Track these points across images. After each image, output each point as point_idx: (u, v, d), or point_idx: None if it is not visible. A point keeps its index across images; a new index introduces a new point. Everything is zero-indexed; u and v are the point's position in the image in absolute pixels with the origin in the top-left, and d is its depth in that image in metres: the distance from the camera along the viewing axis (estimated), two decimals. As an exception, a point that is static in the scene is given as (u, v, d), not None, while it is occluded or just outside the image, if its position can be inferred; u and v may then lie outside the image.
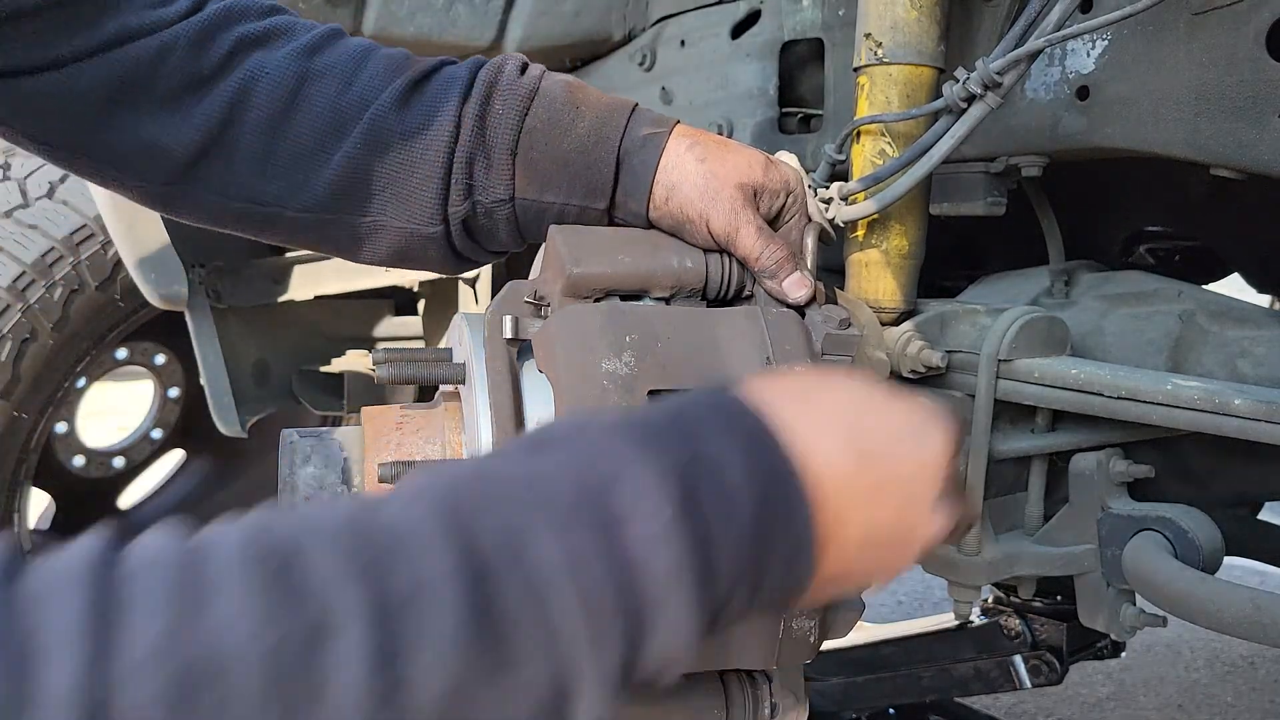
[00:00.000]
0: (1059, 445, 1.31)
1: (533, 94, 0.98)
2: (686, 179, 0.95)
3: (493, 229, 1.02)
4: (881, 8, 1.21)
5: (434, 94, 0.98)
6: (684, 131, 0.99)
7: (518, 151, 0.97)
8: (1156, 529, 1.21)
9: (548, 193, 0.99)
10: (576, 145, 0.97)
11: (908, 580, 3.76)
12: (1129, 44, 1.16)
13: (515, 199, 0.99)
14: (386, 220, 1.00)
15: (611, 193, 0.98)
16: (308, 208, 0.99)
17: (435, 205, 0.98)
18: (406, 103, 0.97)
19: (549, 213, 1.00)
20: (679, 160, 0.96)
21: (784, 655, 0.85)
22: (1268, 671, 3.11)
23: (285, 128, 0.96)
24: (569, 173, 0.98)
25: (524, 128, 0.97)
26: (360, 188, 0.98)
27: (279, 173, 0.97)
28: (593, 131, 0.97)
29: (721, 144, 0.98)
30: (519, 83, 0.98)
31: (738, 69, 1.68)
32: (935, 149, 1.13)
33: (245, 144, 0.96)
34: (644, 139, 0.97)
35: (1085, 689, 2.97)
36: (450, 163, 0.97)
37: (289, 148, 0.96)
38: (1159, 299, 1.37)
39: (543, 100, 0.98)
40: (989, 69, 1.08)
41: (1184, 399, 1.08)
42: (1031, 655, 1.98)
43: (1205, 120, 1.10)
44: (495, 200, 0.99)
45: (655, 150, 0.96)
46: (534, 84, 0.98)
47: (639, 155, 0.97)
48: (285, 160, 0.97)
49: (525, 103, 0.97)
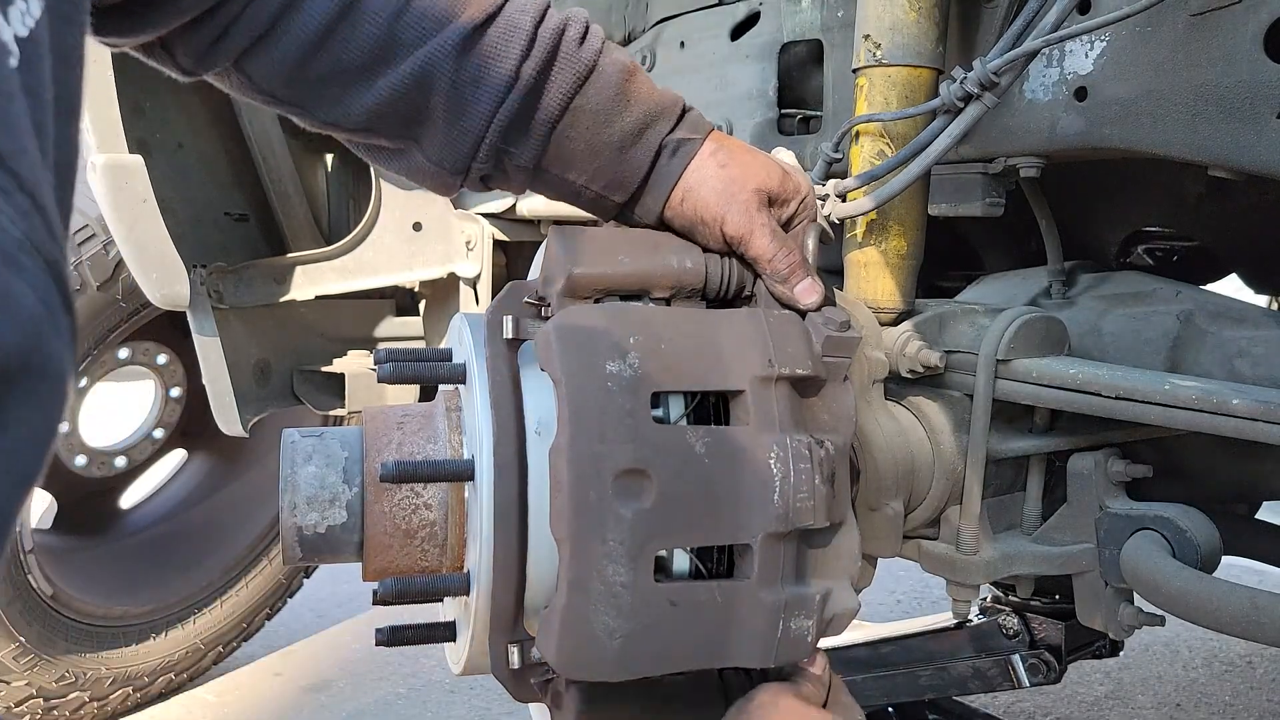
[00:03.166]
0: (1057, 445, 1.31)
1: (589, 71, 0.96)
2: (705, 182, 0.97)
3: (505, 181, 1.02)
4: (880, 9, 1.21)
5: (493, 46, 0.94)
6: (714, 137, 1.00)
7: (557, 128, 0.97)
8: (1154, 528, 1.22)
9: (572, 172, 0.99)
10: (615, 139, 0.97)
11: (906, 579, 3.76)
12: (1127, 45, 1.17)
13: (539, 168, 0.99)
14: (413, 152, 0.99)
15: (632, 190, 1.00)
16: (338, 123, 0.98)
17: (465, 157, 0.98)
18: (465, 51, 0.93)
19: (568, 189, 1.01)
20: (701, 164, 0.98)
21: (781, 653, 0.86)
22: (1265, 670, 3.11)
23: (330, 42, 0.93)
24: (599, 162, 0.98)
25: (571, 106, 0.96)
26: (398, 118, 0.96)
27: (315, 85, 0.95)
28: (635, 129, 0.97)
29: (744, 149, 1.00)
30: (578, 55, 0.95)
31: (737, 70, 1.68)
32: (932, 148, 1.13)
33: (286, 49, 0.93)
34: (677, 144, 0.98)
35: (1083, 688, 2.97)
36: (490, 123, 0.95)
37: (329, 63, 0.94)
38: (1157, 299, 1.37)
39: (596, 82, 0.96)
40: (986, 69, 1.08)
41: (1182, 399, 1.08)
42: (1030, 654, 1.98)
43: (1203, 121, 1.10)
44: (520, 165, 0.99)
45: (685, 158, 0.98)
46: (592, 60, 0.96)
47: (669, 161, 0.98)
48: (324, 74, 0.94)
49: (580, 81, 0.95)
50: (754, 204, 0.96)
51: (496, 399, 0.86)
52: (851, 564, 0.92)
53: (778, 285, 0.96)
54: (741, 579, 0.85)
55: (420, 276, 2.55)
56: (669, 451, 0.82)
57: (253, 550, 3.16)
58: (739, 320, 0.91)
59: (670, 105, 0.99)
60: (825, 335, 0.93)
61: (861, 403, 1.18)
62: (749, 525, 0.83)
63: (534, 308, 0.93)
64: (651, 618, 0.81)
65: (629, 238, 0.97)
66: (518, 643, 0.87)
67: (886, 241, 1.26)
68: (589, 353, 0.83)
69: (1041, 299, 1.49)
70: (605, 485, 0.79)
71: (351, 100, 0.95)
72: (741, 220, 0.95)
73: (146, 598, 2.93)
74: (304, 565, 3.05)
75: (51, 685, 2.64)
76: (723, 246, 0.97)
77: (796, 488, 0.84)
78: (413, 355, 0.95)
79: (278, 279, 2.53)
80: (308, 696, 3.01)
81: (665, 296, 0.97)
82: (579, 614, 0.80)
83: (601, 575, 0.79)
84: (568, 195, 1.02)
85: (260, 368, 2.62)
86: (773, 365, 0.87)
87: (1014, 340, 1.22)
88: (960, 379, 1.27)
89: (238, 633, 3.13)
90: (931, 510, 1.27)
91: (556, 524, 0.81)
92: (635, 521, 0.80)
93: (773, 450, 0.84)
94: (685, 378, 0.85)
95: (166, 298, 2.32)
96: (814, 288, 0.96)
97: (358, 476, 0.90)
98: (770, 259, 0.95)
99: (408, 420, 0.94)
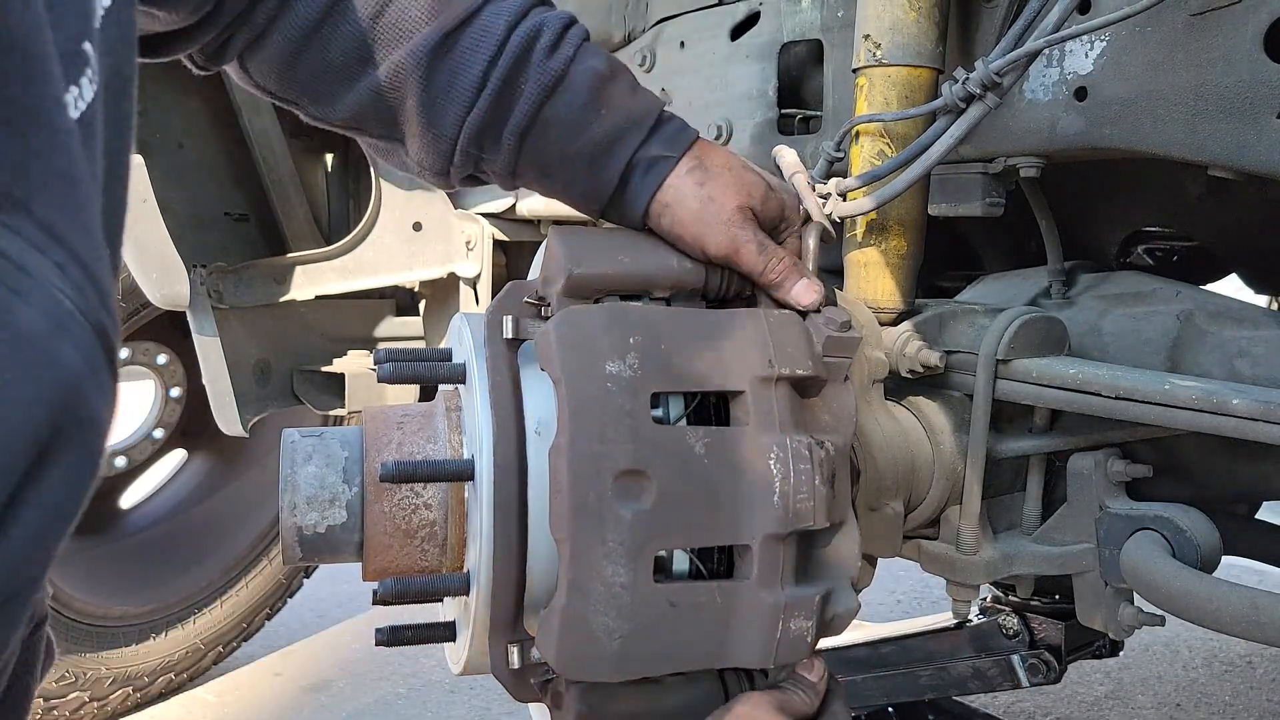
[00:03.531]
0: (1057, 445, 1.31)
1: (557, 82, 0.94)
2: (682, 202, 0.94)
3: (488, 181, 1.04)
4: (880, 9, 1.21)
5: (464, 52, 0.94)
6: (693, 153, 0.97)
7: (528, 138, 0.96)
8: (1154, 528, 1.22)
9: (545, 180, 1.00)
10: (586, 149, 0.96)
11: (906, 579, 3.76)
12: (1127, 45, 1.17)
13: (515, 174, 1.00)
14: (400, 150, 1.01)
15: (606, 202, 0.99)
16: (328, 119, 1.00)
17: (444, 160, 0.98)
18: (438, 55, 0.93)
19: (547, 193, 1.02)
20: (677, 183, 0.95)
21: (781, 654, 0.86)
22: (1265, 670, 3.11)
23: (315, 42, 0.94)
24: (571, 172, 0.97)
25: (539, 117, 0.95)
26: (379, 119, 0.98)
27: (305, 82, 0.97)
28: (607, 139, 0.95)
29: (724, 165, 0.97)
30: (546, 67, 0.94)
31: (737, 70, 1.68)
32: (933, 148, 1.13)
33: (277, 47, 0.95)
34: (651, 160, 0.96)
35: (1083, 688, 2.97)
36: (460, 129, 0.96)
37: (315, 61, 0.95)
38: (1157, 299, 1.37)
39: (565, 93, 0.94)
40: (989, 69, 1.08)
41: (1182, 399, 1.08)
42: (1030, 654, 1.98)
43: (1203, 121, 1.10)
44: (495, 171, 1.00)
45: (658, 176, 0.95)
46: (561, 69, 0.94)
47: (642, 178, 0.96)
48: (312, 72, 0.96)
49: (547, 91, 0.94)
50: (736, 222, 0.93)
51: (496, 399, 0.86)
52: (852, 564, 0.92)
53: (775, 293, 0.96)
54: (741, 579, 0.85)
55: (420, 276, 2.55)
56: (669, 452, 0.82)
57: (253, 550, 3.16)
58: (739, 320, 0.91)
59: (643, 115, 0.96)
60: (826, 335, 0.93)
61: (861, 403, 1.18)
62: (749, 526, 0.83)
63: (534, 308, 0.92)
64: (651, 618, 0.81)
65: (629, 238, 0.97)
66: (518, 643, 0.87)
67: (886, 241, 1.26)
68: (589, 353, 0.83)
69: (1041, 299, 1.49)
70: (605, 485, 0.79)
71: (336, 98, 0.97)
72: (723, 240, 0.93)
73: (146, 598, 2.93)
74: (304, 565, 3.05)
75: (51, 685, 2.64)
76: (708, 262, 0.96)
77: (796, 488, 0.84)
78: (412, 355, 0.95)
79: (278, 279, 2.53)
80: (308, 696, 3.01)
81: (665, 296, 0.97)
82: (579, 614, 0.80)
83: (601, 575, 0.79)
84: (551, 196, 1.03)
85: (260, 368, 2.62)
86: (773, 365, 0.87)
87: (1014, 340, 1.22)
88: (960, 379, 1.27)
89: (238, 633, 3.13)
90: (931, 510, 1.27)
91: (556, 524, 0.80)
92: (635, 522, 0.80)
93: (773, 451, 0.84)
94: (685, 378, 0.85)
95: (166, 298, 2.32)
96: (811, 287, 0.95)
97: (358, 476, 0.90)
98: (761, 272, 0.94)
99: (408, 420, 0.94)
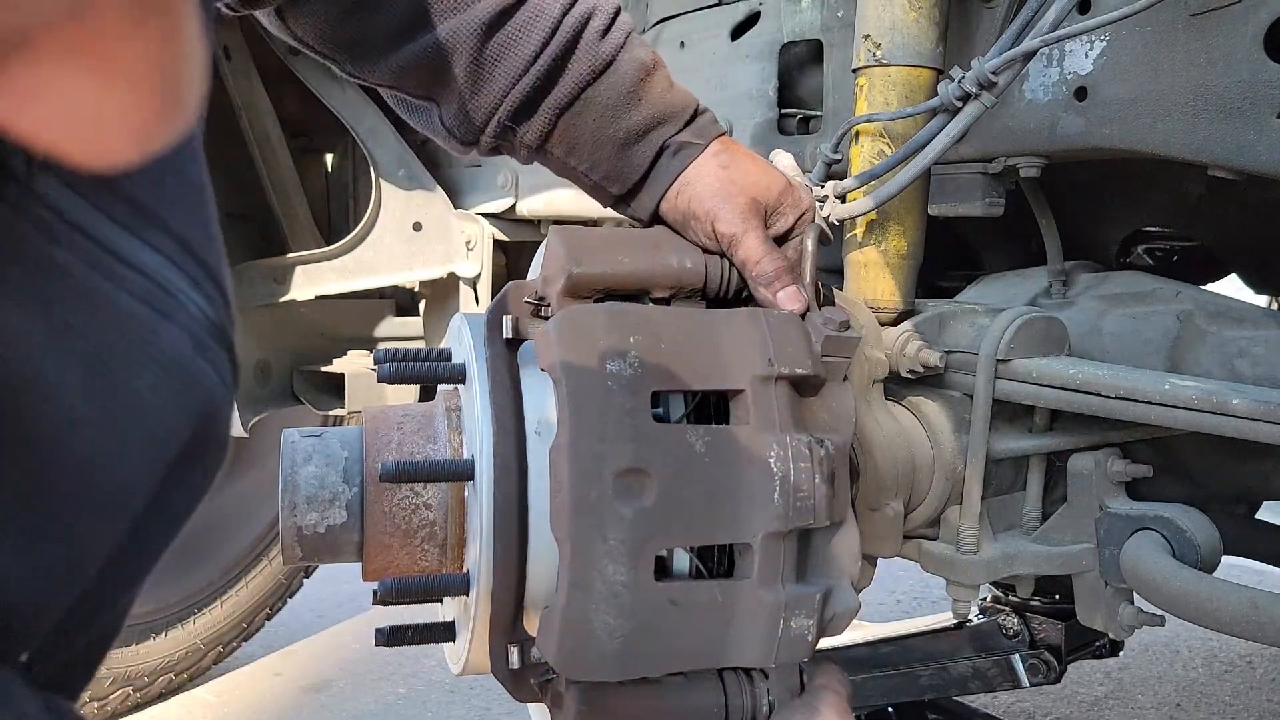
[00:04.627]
0: (1057, 445, 1.31)
1: (607, 65, 0.98)
2: (703, 179, 0.98)
3: (511, 152, 1.05)
4: (880, 9, 1.21)
5: (519, 28, 0.96)
6: (721, 141, 1.01)
7: (566, 114, 0.99)
8: (1154, 528, 1.22)
9: (573, 157, 1.02)
10: (621, 135, 0.99)
11: (906, 579, 3.76)
12: (1127, 45, 1.17)
13: (543, 148, 1.02)
14: (433, 111, 1.02)
15: (628, 187, 1.01)
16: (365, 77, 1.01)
17: (476, 130, 1.01)
18: (491, 29, 0.96)
19: (568, 171, 1.03)
20: (702, 164, 0.99)
21: (781, 653, 0.86)
22: (1265, 670, 3.11)
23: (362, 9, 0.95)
24: (601, 154, 1.00)
25: (581, 96, 0.98)
26: (421, 80, 0.99)
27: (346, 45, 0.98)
28: (642, 129, 0.99)
29: (749, 157, 1.02)
30: (598, 49, 0.98)
31: (737, 70, 1.68)
32: (930, 147, 1.13)
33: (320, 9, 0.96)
34: (680, 145, 1.00)
35: (1083, 688, 2.97)
36: (503, 102, 0.98)
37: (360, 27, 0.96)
38: (1157, 299, 1.37)
39: (611, 76, 0.98)
40: (984, 68, 1.08)
41: (1182, 399, 1.08)
42: (1030, 654, 1.98)
43: (1203, 121, 1.10)
44: (525, 143, 1.02)
45: (686, 159, 1.00)
46: (611, 54, 0.98)
47: (669, 161, 1.00)
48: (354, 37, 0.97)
49: (595, 74, 0.98)
50: (749, 209, 0.97)
51: (496, 399, 0.86)
52: (852, 564, 0.92)
53: (761, 288, 0.96)
54: (742, 578, 0.85)
55: (420, 276, 2.55)
56: (669, 451, 0.82)
57: (253, 550, 3.16)
58: (739, 320, 0.91)
59: (680, 109, 1.01)
60: (825, 335, 0.93)
61: (861, 403, 1.18)
62: (749, 524, 0.83)
63: (534, 308, 0.93)
64: (652, 617, 0.81)
65: (629, 238, 0.97)
66: (518, 643, 0.87)
67: (886, 241, 1.26)
68: (589, 352, 0.83)
69: (1041, 299, 1.49)
70: (605, 484, 0.79)
71: (380, 60, 0.98)
72: (734, 220, 0.96)
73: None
74: (304, 565, 3.05)
75: (51, 685, 2.64)
76: (713, 244, 0.97)
77: (797, 487, 0.84)
78: (412, 355, 0.95)
79: (278, 279, 2.53)
80: (308, 696, 3.01)
81: (665, 296, 0.97)
82: (579, 613, 0.80)
83: (602, 575, 0.79)
84: (568, 176, 1.05)
85: (260, 368, 2.62)
86: (773, 365, 0.87)
87: (1014, 340, 1.22)
88: (960, 379, 1.27)
89: (238, 633, 3.13)
90: (931, 510, 1.27)
91: (557, 523, 0.81)
92: (636, 521, 0.80)
93: (773, 449, 0.84)
94: (685, 377, 0.85)
95: (166, 298, 2.31)
96: (797, 296, 0.95)
97: (358, 476, 0.90)
98: (757, 261, 0.95)
99: (408, 420, 0.94)
